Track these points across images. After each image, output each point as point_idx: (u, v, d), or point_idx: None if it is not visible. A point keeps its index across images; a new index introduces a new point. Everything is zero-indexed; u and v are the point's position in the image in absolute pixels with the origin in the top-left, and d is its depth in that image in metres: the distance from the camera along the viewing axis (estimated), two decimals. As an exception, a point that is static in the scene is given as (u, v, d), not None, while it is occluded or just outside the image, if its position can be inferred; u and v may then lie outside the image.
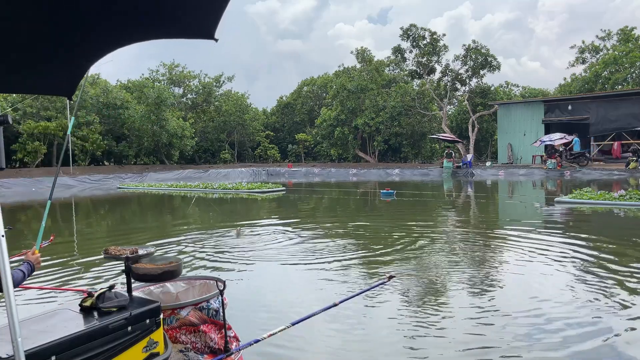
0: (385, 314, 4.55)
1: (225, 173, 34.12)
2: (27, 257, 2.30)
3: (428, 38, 36.63)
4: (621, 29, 40.49)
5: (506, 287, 5.37)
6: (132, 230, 10.52)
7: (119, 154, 37.45)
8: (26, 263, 2.24)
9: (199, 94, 46.34)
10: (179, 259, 2.75)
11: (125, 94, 37.44)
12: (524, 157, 32.75)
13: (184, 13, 1.86)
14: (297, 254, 7.21)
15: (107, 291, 2.36)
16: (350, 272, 6.06)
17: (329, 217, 12.42)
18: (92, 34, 1.96)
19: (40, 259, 2.35)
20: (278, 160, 47.32)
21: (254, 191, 19.20)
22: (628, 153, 27.39)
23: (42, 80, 2.38)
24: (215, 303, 2.87)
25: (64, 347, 1.96)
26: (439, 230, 9.59)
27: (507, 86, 48.38)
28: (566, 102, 32.23)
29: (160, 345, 2.40)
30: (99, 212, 15.64)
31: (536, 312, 4.41)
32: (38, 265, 2.31)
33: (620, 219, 10.71)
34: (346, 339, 3.97)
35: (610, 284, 5.31)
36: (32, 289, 4.91)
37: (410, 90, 39.27)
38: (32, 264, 2.25)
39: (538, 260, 6.59)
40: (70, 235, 9.87)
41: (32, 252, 2.36)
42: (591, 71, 41.20)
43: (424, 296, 5.01)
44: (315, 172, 34.48)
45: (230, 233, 9.19)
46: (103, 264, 6.61)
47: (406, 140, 40.40)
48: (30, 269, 2.22)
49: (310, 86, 50.50)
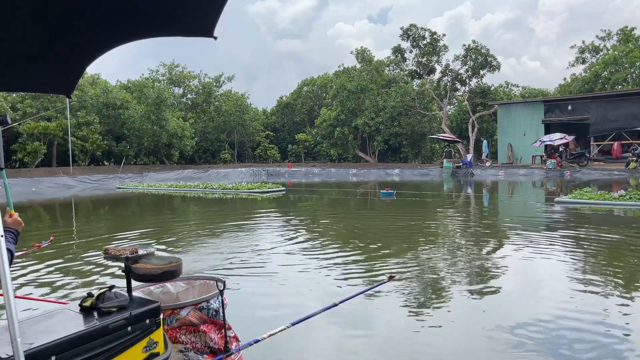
0: (385, 314, 4.54)
1: (225, 173, 34.12)
2: (5, 223, 2.07)
3: (428, 38, 36.65)
4: (621, 29, 40.54)
5: (506, 287, 5.36)
6: (132, 230, 10.51)
7: (119, 154, 37.46)
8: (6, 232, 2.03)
9: (198, 94, 46.36)
10: (179, 259, 2.75)
11: (125, 94, 37.45)
12: (524, 157, 32.76)
13: (183, 11, 1.86)
14: (297, 254, 7.20)
15: (107, 291, 2.35)
16: (350, 272, 6.05)
17: (329, 217, 12.41)
18: (92, 32, 1.96)
19: (19, 219, 2.15)
20: (278, 160, 47.33)
21: (253, 191, 19.20)
22: (628, 153, 27.40)
23: (41, 78, 2.38)
24: (215, 303, 2.87)
25: (63, 347, 1.95)
26: (439, 230, 9.58)
27: (507, 86, 48.44)
28: (566, 102, 32.24)
29: (160, 345, 2.40)
30: (99, 212, 15.64)
31: (536, 313, 4.40)
32: (20, 227, 2.15)
33: (620, 219, 10.70)
34: (346, 339, 3.96)
35: (611, 283, 5.30)
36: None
37: (410, 90, 39.28)
38: (13, 230, 2.11)
39: (538, 260, 6.58)
40: (70, 234, 9.87)
41: (8, 215, 2.14)
42: (591, 71, 41.21)
43: (425, 296, 5.01)
44: (315, 172, 34.48)
45: (230, 233, 9.18)
46: (101, 264, 6.60)
47: (406, 140, 40.41)
48: (14, 235, 2.08)
49: (310, 86, 50.52)
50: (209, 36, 1.87)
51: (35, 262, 6.79)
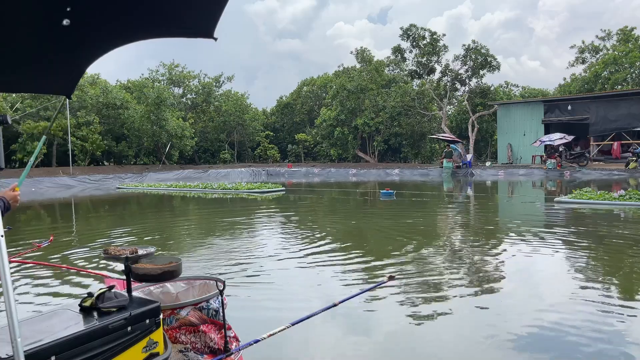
0: (385, 314, 4.54)
1: (225, 173, 34.12)
2: (5, 193, 2.15)
3: (428, 38, 36.65)
4: (621, 29, 40.50)
5: (506, 288, 5.37)
6: (132, 230, 10.51)
7: (119, 154, 37.41)
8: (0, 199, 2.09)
9: (198, 94, 46.34)
10: (179, 259, 2.75)
11: (125, 94, 37.44)
12: (524, 157, 32.76)
13: (183, 12, 1.86)
14: (296, 254, 7.20)
15: (107, 291, 2.35)
16: (350, 272, 6.05)
17: (329, 217, 12.41)
18: (93, 32, 1.96)
19: (18, 197, 2.22)
20: (278, 161, 47.32)
21: (253, 191, 19.20)
22: (628, 153, 27.40)
23: (41, 79, 2.38)
24: (215, 303, 2.87)
25: (63, 347, 1.95)
26: (439, 230, 9.58)
27: (506, 86, 48.41)
28: (566, 102, 32.24)
29: (160, 345, 2.40)
30: (99, 211, 15.63)
31: (537, 313, 4.40)
32: (15, 204, 2.18)
33: (620, 219, 10.70)
34: (346, 339, 3.96)
35: (611, 284, 5.30)
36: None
37: (410, 90, 39.26)
38: (5, 201, 2.13)
39: (538, 260, 6.58)
40: (69, 234, 9.87)
41: (12, 188, 2.22)
42: (591, 71, 41.20)
43: (424, 296, 5.01)
44: (315, 172, 34.47)
45: (230, 234, 9.18)
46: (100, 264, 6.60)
47: (406, 140, 40.40)
48: (4, 206, 2.11)
49: (310, 86, 50.49)
50: (209, 37, 1.88)
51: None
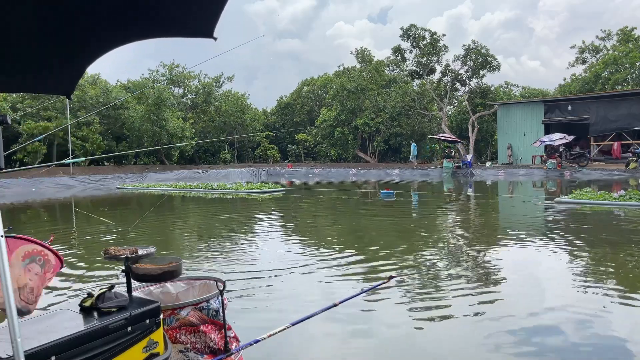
0: (385, 314, 4.54)
1: (225, 173, 34.11)
2: None
3: (428, 38, 36.62)
4: (621, 29, 40.49)
5: (507, 288, 5.37)
6: (131, 229, 10.51)
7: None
8: None
9: (198, 94, 46.35)
10: (179, 259, 2.75)
11: (125, 94, 37.45)
12: (524, 157, 32.75)
13: (183, 12, 1.86)
14: (296, 254, 7.20)
15: (107, 291, 2.35)
16: (350, 272, 6.05)
17: (329, 217, 12.41)
18: (92, 32, 1.96)
19: None
20: (278, 161, 47.31)
21: (253, 191, 19.20)
22: (628, 153, 27.39)
23: (41, 79, 2.38)
24: (215, 303, 2.87)
25: (63, 347, 1.95)
26: (439, 231, 9.58)
27: (507, 86, 48.36)
28: (566, 102, 32.22)
29: (160, 345, 2.40)
30: (99, 211, 15.62)
31: (537, 313, 4.40)
32: None
33: (620, 219, 10.70)
34: (346, 339, 3.96)
35: (611, 284, 5.30)
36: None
37: (410, 90, 39.23)
38: None
39: (538, 260, 6.58)
40: (69, 235, 9.87)
41: None
42: (591, 71, 41.18)
43: (425, 296, 5.01)
44: (315, 172, 34.47)
45: (230, 234, 9.18)
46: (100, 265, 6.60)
47: (406, 140, 40.37)
48: None
49: (310, 86, 50.48)
50: (209, 37, 1.88)
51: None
